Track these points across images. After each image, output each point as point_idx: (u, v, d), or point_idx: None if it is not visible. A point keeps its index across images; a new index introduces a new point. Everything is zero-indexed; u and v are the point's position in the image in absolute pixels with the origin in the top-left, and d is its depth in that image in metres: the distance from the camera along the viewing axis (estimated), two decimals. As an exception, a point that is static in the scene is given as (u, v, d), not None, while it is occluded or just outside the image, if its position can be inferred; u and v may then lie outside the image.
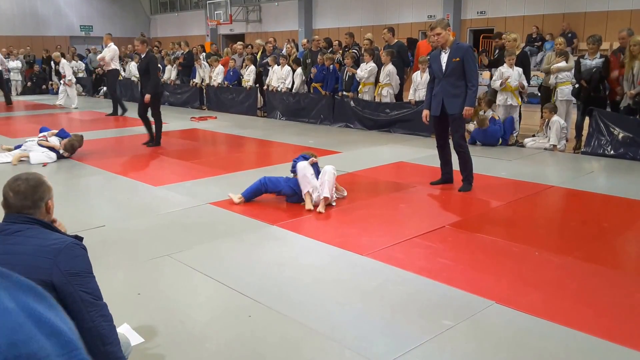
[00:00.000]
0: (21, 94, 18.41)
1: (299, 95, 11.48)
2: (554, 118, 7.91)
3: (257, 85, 12.76)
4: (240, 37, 23.40)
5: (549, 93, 8.65)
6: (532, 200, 5.48)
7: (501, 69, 8.46)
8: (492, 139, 8.27)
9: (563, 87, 8.33)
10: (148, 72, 8.40)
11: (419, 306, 3.15)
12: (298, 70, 11.57)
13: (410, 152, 7.87)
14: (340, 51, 11.47)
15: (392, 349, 2.70)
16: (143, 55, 8.64)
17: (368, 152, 8.02)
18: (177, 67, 14.92)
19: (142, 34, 10.03)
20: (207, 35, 25.02)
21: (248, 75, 12.72)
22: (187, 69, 14.62)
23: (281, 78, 11.81)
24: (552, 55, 8.86)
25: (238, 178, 6.33)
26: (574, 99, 8.21)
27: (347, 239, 4.27)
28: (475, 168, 5.86)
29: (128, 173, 6.76)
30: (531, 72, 10.38)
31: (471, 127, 8.47)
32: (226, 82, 13.22)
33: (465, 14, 17.64)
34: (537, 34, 15.48)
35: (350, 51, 10.59)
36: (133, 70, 15.52)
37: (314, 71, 11.10)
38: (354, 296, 3.30)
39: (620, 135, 7.34)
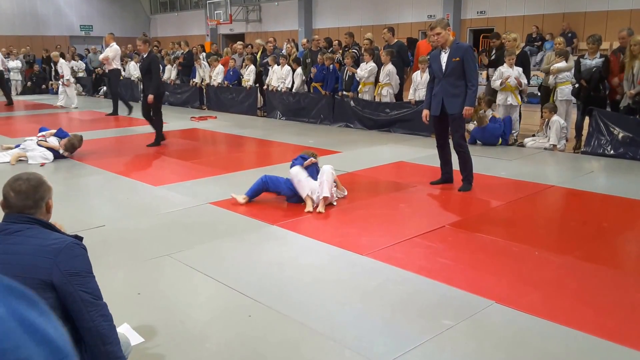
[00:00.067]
0: (21, 94, 18.41)
1: (299, 95, 11.47)
2: (554, 118, 7.91)
3: (257, 85, 12.76)
4: (240, 37, 23.40)
5: (549, 93, 8.65)
6: (532, 200, 5.49)
7: (501, 69, 8.46)
8: (492, 137, 8.27)
9: (563, 87, 8.33)
10: (150, 72, 8.39)
11: (419, 306, 3.16)
12: (298, 70, 11.56)
13: (410, 152, 7.87)
14: (340, 51, 11.47)
15: (392, 349, 2.70)
16: (145, 55, 8.64)
17: (368, 152, 8.02)
18: (177, 67, 14.93)
19: (144, 34, 10.00)
20: (207, 35, 25.02)
21: (248, 75, 12.72)
22: (187, 69, 14.63)
23: (281, 78, 11.81)
24: (552, 55, 8.85)
25: (238, 178, 6.34)
26: (574, 99, 8.21)
27: (347, 239, 4.27)
28: (475, 168, 5.86)
29: (128, 173, 6.76)
30: (531, 72, 10.36)
31: (471, 127, 8.47)
32: (226, 82, 13.22)
33: (465, 14, 17.65)
34: (537, 34, 15.48)
35: (350, 51, 10.59)
36: (132, 69, 15.53)
37: (314, 71, 11.09)
38: (354, 296, 3.30)
39: (620, 135, 7.34)
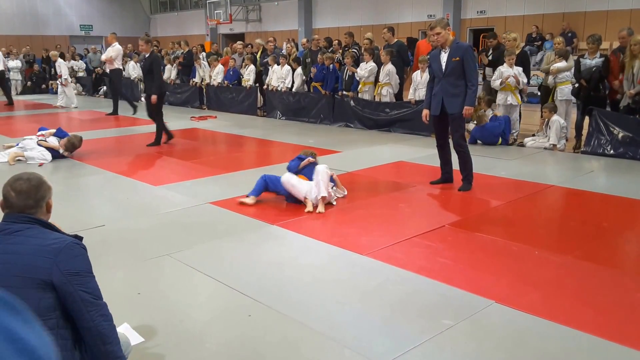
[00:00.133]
0: (21, 94, 18.41)
1: (299, 94, 11.47)
2: (554, 117, 7.91)
3: (257, 84, 12.76)
4: (240, 37, 23.40)
5: (549, 93, 8.64)
6: (532, 199, 5.49)
7: (501, 69, 8.46)
8: (491, 136, 8.26)
9: (563, 87, 8.32)
10: (152, 72, 8.41)
11: (419, 306, 3.16)
12: (298, 69, 11.56)
13: (410, 152, 7.87)
14: (340, 50, 11.46)
15: (392, 349, 2.70)
16: (147, 55, 8.65)
17: (368, 152, 8.02)
18: (177, 67, 14.93)
19: (147, 34, 10.06)
20: (207, 34, 25.01)
21: (248, 75, 12.72)
22: (187, 69, 14.63)
23: (281, 77, 11.81)
24: (551, 55, 8.85)
25: (238, 178, 6.34)
26: (574, 99, 8.21)
27: (347, 239, 4.28)
28: (475, 167, 5.86)
29: (128, 172, 6.76)
30: (531, 72, 10.34)
31: (471, 127, 8.47)
32: (226, 82, 13.22)
33: (465, 14, 17.65)
34: (537, 34, 15.48)
35: (350, 50, 10.58)
36: (130, 69, 15.52)
37: (314, 71, 11.09)
38: (354, 296, 3.30)
39: (620, 134, 7.34)
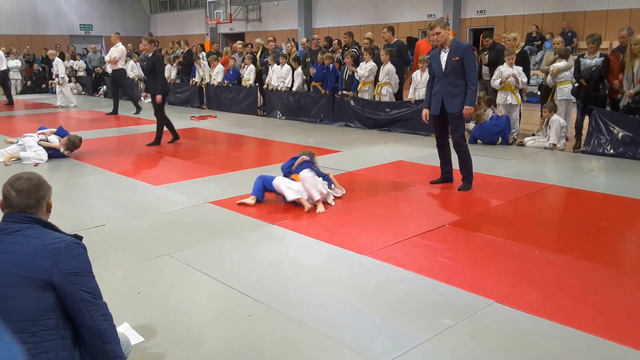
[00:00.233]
0: (20, 93, 18.42)
1: (299, 94, 11.46)
2: (554, 117, 7.91)
3: (257, 84, 12.76)
4: (240, 36, 23.40)
5: (549, 92, 8.64)
6: (532, 199, 5.49)
7: (500, 68, 8.45)
8: (490, 134, 8.24)
9: (563, 87, 8.33)
10: (154, 72, 8.42)
11: (419, 305, 3.16)
12: (298, 69, 11.56)
13: (410, 151, 7.87)
14: (339, 50, 11.46)
15: (392, 348, 2.70)
16: (150, 54, 8.67)
17: (368, 151, 8.02)
18: (177, 66, 14.93)
19: (150, 34, 10.07)
20: (207, 34, 25.01)
21: (248, 74, 12.71)
22: (187, 68, 14.63)
23: (281, 77, 11.81)
24: (551, 54, 8.84)
25: (238, 177, 6.34)
26: (574, 98, 8.20)
27: (347, 238, 4.28)
28: (475, 167, 5.86)
29: (128, 172, 6.76)
30: (530, 71, 10.33)
31: (471, 126, 8.47)
32: (226, 82, 13.22)
33: (465, 13, 17.65)
34: (537, 33, 15.48)
35: (349, 50, 10.58)
36: (129, 69, 15.52)
37: (313, 71, 11.09)
38: (354, 295, 3.30)
39: (619, 134, 7.34)
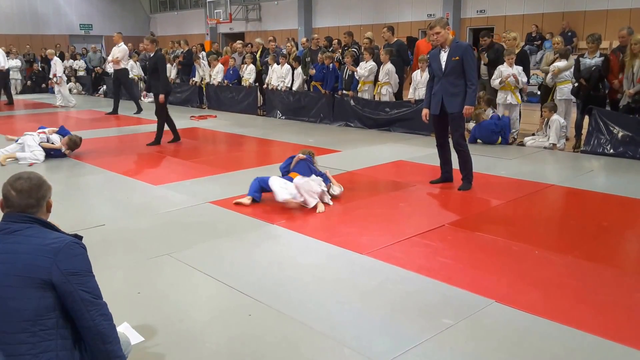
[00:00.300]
0: (20, 93, 18.41)
1: (299, 94, 11.46)
2: (554, 117, 7.91)
3: (257, 84, 12.76)
4: (240, 36, 23.39)
5: (549, 92, 8.64)
6: (532, 199, 5.48)
7: (500, 68, 8.45)
8: (489, 133, 8.23)
9: (562, 86, 8.32)
10: (157, 71, 8.44)
11: (419, 305, 3.16)
12: (298, 69, 11.55)
13: (409, 151, 7.87)
14: (339, 50, 11.46)
15: (392, 348, 2.70)
16: (152, 54, 8.69)
17: (368, 151, 8.02)
18: (177, 66, 14.92)
19: (152, 33, 10.09)
20: (207, 34, 25.01)
21: (248, 74, 12.71)
22: (187, 68, 14.63)
23: (281, 77, 11.80)
24: (550, 54, 8.84)
25: (237, 177, 6.34)
26: (574, 98, 8.20)
27: (347, 238, 4.27)
28: (475, 167, 5.86)
29: (128, 172, 6.76)
30: (530, 71, 10.32)
31: (471, 126, 8.47)
32: (226, 81, 13.21)
33: (464, 13, 17.65)
34: (537, 33, 15.47)
35: (349, 50, 10.58)
36: (129, 68, 15.48)
37: (313, 71, 11.08)
38: (354, 295, 3.30)
39: (619, 134, 7.34)
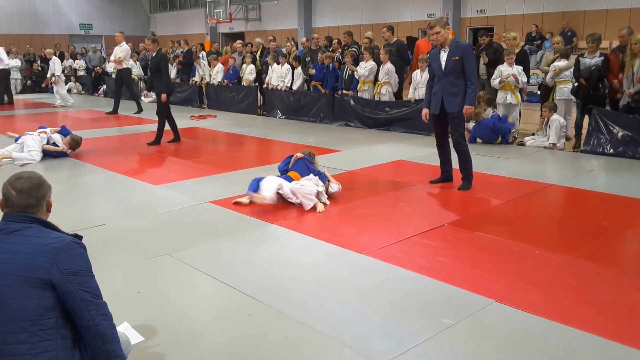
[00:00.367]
0: (20, 93, 18.41)
1: (299, 93, 11.46)
2: (554, 117, 7.91)
3: (257, 83, 12.75)
4: (240, 36, 23.40)
5: (549, 92, 8.63)
6: (532, 198, 5.49)
7: (500, 68, 8.45)
8: (488, 131, 8.23)
9: (562, 86, 8.32)
10: (159, 71, 8.45)
11: (419, 305, 3.16)
12: (298, 69, 11.55)
13: (409, 151, 7.87)
14: (339, 49, 11.46)
15: (392, 348, 2.70)
16: (154, 54, 8.70)
17: (367, 151, 8.02)
18: (177, 66, 14.92)
19: (153, 33, 10.09)
20: (207, 33, 25.01)
21: (249, 74, 12.70)
22: (187, 68, 14.63)
23: (281, 76, 11.80)
24: (550, 54, 8.83)
25: (237, 177, 6.34)
26: (574, 98, 8.20)
27: (347, 238, 4.27)
28: (475, 166, 5.86)
29: (128, 172, 6.76)
30: (530, 71, 10.32)
31: (471, 126, 8.47)
32: (226, 81, 13.21)
33: (464, 13, 17.65)
34: (537, 33, 15.47)
35: (349, 49, 10.58)
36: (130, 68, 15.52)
37: (312, 71, 11.07)
38: (354, 295, 3.30)
39: (619, 133, 7.34)
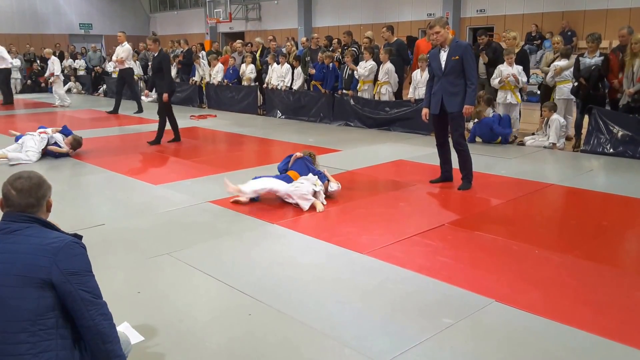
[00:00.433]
0: (20, 92, 18.41)
1: (299, 93, 11.46)
2: (554, 116, 7.91)
3: (257, 83, 12.75)
4: (239, 35, 23.39)
5: (549, 91, 8.63)
6: (532, 198, 5.49)
7: (500, 67, 8.45)
8: (488, 130, 8.23)
9: (562, 86, 8.32)
10: (161, 71, 8.46)
11: (419, 304, 3.16)
12: (298, 68, 11.55)
13: (409, 151, 7.87)
14: (339, 49, 11.46)
15: (392, 348, 2.70)
16: (155, 54, 8.71)
17: (367, 151, 8.02)
18: (177, 66, 14.92)
19: (154, 33, 10.09)
20: (207, 33, 25.01)
21: (249, 73, 12.70)
22: (187, 67, 14.64)
23: (281, 76, 11.80)
24: (550, 54, 8.83)
25: (238, 176, 6.32)
26: (574, 98, 8.20)
27: (347, 238, 4.27)
28: (474, 166, 5.86)
29: (128, 171, 6.75)
30: (530, 70, 10.32)
31: (471, 125, 8.47)
32: (226, 81, 13.21)
33: (464, 12, 17.64)
34: (537, 32, 15.47)
35: (349, 49, 10.58)
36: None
37: (312, 71, 11.07)
38: (354, 295, 3.30)
39: (619, 133, 7.34)
